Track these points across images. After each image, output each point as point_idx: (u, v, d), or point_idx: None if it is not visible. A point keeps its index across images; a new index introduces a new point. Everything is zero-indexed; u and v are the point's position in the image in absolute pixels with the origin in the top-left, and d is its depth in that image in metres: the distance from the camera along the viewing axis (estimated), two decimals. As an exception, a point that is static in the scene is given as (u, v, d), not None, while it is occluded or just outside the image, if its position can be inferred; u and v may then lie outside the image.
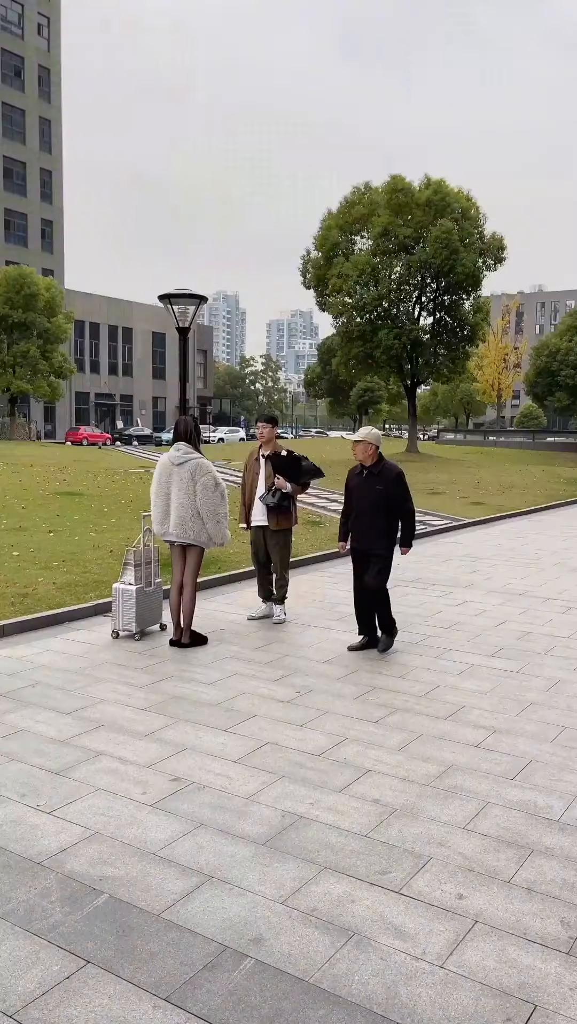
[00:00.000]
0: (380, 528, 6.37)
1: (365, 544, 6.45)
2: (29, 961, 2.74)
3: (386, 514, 6.37)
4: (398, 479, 6.39)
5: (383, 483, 6.38)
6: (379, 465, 6.46)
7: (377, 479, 6.41)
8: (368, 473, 6.47)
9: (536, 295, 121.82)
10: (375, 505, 6.37)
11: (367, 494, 6.42)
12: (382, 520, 6.37)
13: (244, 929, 2.93)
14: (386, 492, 6.35)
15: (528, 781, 4.17)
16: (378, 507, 6.37)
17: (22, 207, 62.55)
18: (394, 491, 6.36)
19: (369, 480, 6.45)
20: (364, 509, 6.43)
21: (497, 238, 35.51)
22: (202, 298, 10.20)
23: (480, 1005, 2.57)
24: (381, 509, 6.37)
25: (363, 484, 6.48)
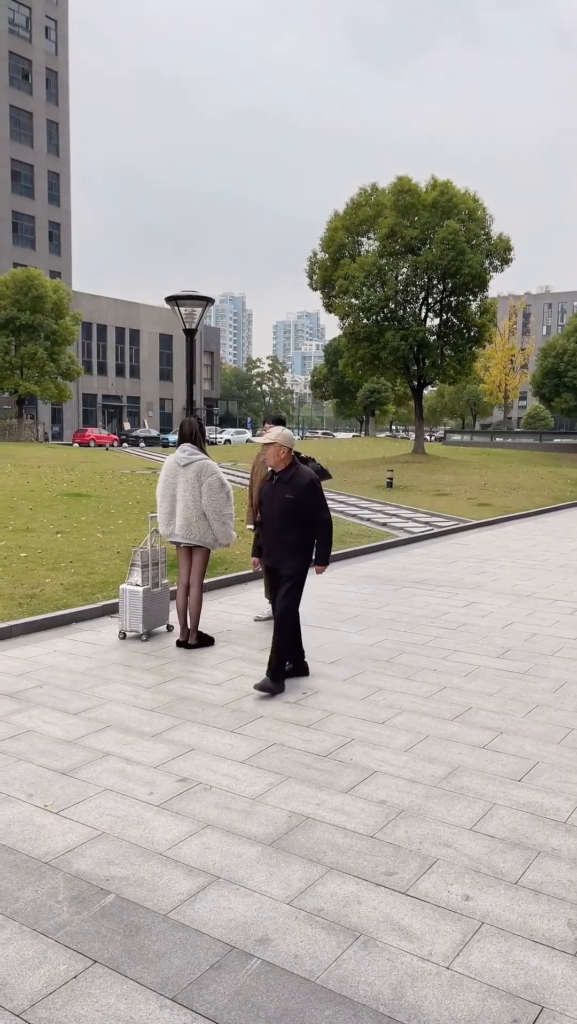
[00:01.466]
0: (291, 543, 5.60)
1: (274, 560, 5.70)
2: (36, 960, 2.75)
3: (298, 527, 5.61)
4: (311, 487, 5.62)
5: (294, 491, 5.60)
6: (290, 471, 5.68)
7: (287, 487, 5.63)
8: (278, 480, 5.71)
9: (543, 296, 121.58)
10: (285, 516, 5.61)
11: (277, 504, 5.66)
12: (293, 533, 5.60)
13: (250, 929, 2.93)
14: (297, 501, 5.59)
15: (535, 782, 4.17)
16: (288, 519, 5.60)
17: (30, 209, 62.75)
18: (306, 500, 5.59)
19: (279, 488, 5.68)
20: (273, 521, 5.68)
21: (504, 239, 35.44)
22: (209, 300, 10.22)
23: (487, 1006, 2.57)
24: (292, 521, 5.60)
25: (272, 492, 5.73)
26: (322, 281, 36.39)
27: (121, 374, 69.02)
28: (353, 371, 38.42)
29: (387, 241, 34.65)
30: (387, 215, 34.60)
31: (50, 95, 64.31)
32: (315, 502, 5.63)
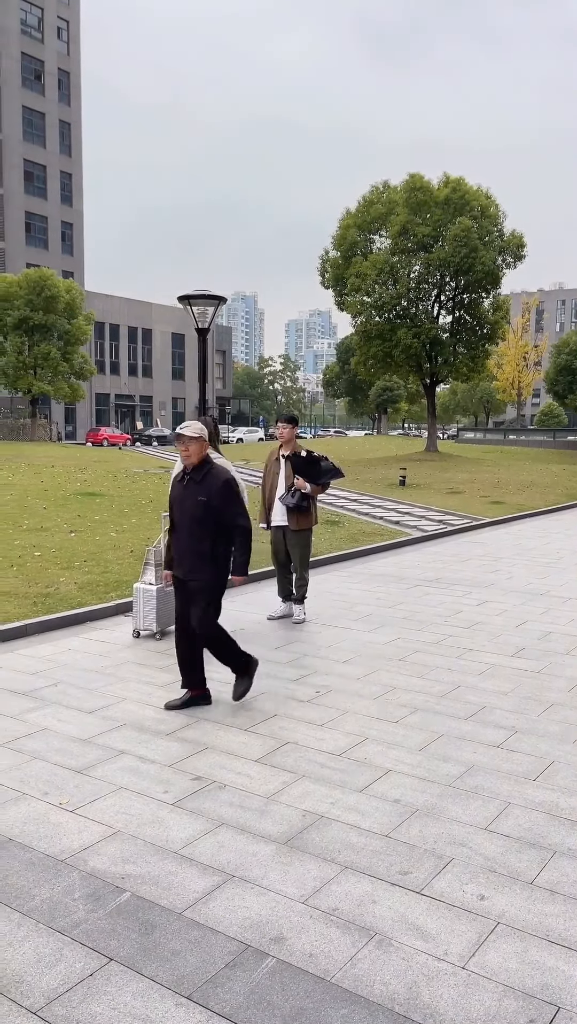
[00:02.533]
0: (204, 551, 4.98)
1: (186, 571, 5.05)
2: (53, 959, 2.76)
3: (213, 533, 5.00)
4: (226, 487, 5.00)
5: (207, 492, 4.98)
6: (203, 469, 5.06)
7: (200, 487, 5.02)
8: (189, 480, 5.10)
9: (556, 292, 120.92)
10: (197, 520, 4.98)
11: (188, 507, 5.03)
12: (207, 540, 4.99)
13: (265, 928, 2.93)
14: (210, 505, 4.97)
15: (550, 782, 4.15)
16: (201, 523, 4.98)
17: (43, 210, 62.99)
18: (220, 503, 4.97)
19: (191, 489, 5.06)
20: (184, 525, 5.05)
21: (516, 236, 35.27)
22: (221, 299, 10.22)
23: (503, 1006, 2.56)
24: (206, 526, 4.98)
25: (183, 494, 5.10)
26: (334, 279, 36.33)
27: (134, 373, 69.20)
28: (365, 369, 38.35)
29: (399, 238, 34.56)
30: (399, 212, 34.51)
31: (62, 95, 64.52)
32: (231, 505, 5.00)
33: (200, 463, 5.06)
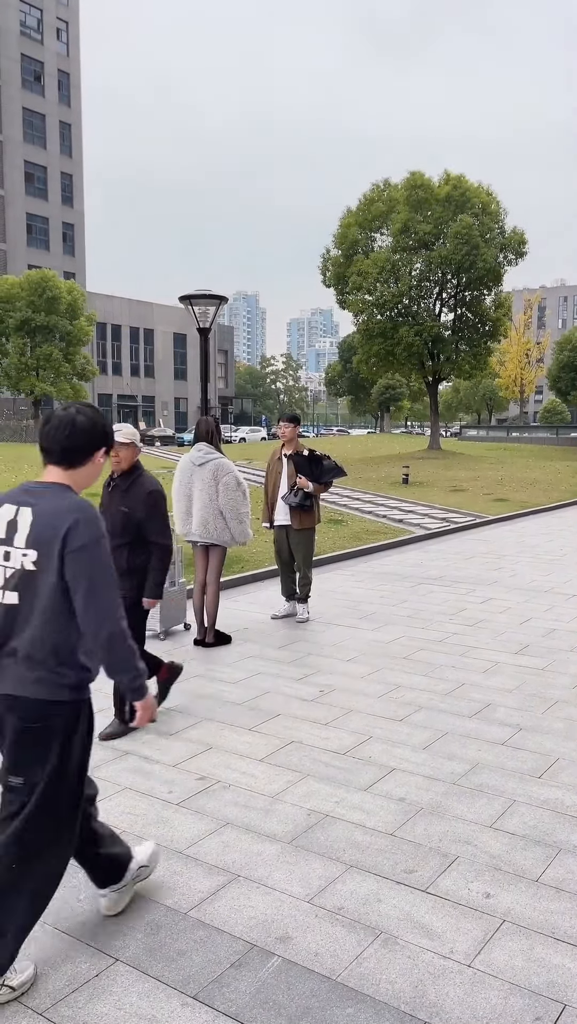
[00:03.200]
0: (122, 566, 4.63)
1: None
2: (59, 959, 2.76)
3: (133, 546, 4.65)
4: (150, 500, 4.62)
5: (130, 502, 4.64)
6: (130, 477, 4.71)
7: (125, 497, 4.66)
8: (115, 487, 4.74)
9: (558, 289, 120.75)
10: (118, 533, 4.63)
11: (110, 517, 4.67)
12: (126, 554, 4.65)
13: (271, 927, 2.93)
14: (131, 516, 4.62)
15: (555, 779, 4.14)
16: (122, 536, 4.63)
17: (44, 211, 63.03)
18: (143, 515, 4.60)
19: (116, 497, 4.71)
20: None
21: (518, 233, 35.23)
22: (222, 298, 10.22)
23: (509, 1004, 2.56)
24: (126, 539, 4.64)
25: (108, 502, 4.75)
26: (335, 278, 36.32)
27: (136, 374, 69.24)
28: (367, 368, 38.33)
29: (400, 237, 34.54)
30: (400, 210, 34.49)
31: (62, 96, 64.53)
32: (153, 520, 4.63)
33: (128, 470, 4.71)
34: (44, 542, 2.47)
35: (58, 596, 2.48)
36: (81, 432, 2.61)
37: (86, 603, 2.46)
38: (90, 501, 2.60)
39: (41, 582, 2.49)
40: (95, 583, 2.46)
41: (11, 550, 2.53)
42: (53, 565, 2.46)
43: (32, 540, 2.49)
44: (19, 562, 2.51)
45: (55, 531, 2.46)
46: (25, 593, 2.51)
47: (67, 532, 2.45)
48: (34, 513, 2.52)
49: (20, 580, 2.51)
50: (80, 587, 2.46)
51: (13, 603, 2.53)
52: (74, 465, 2.63)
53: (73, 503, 2.52)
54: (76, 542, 2.45)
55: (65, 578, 2.47)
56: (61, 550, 2.45)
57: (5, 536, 2.54)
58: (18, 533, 2.52)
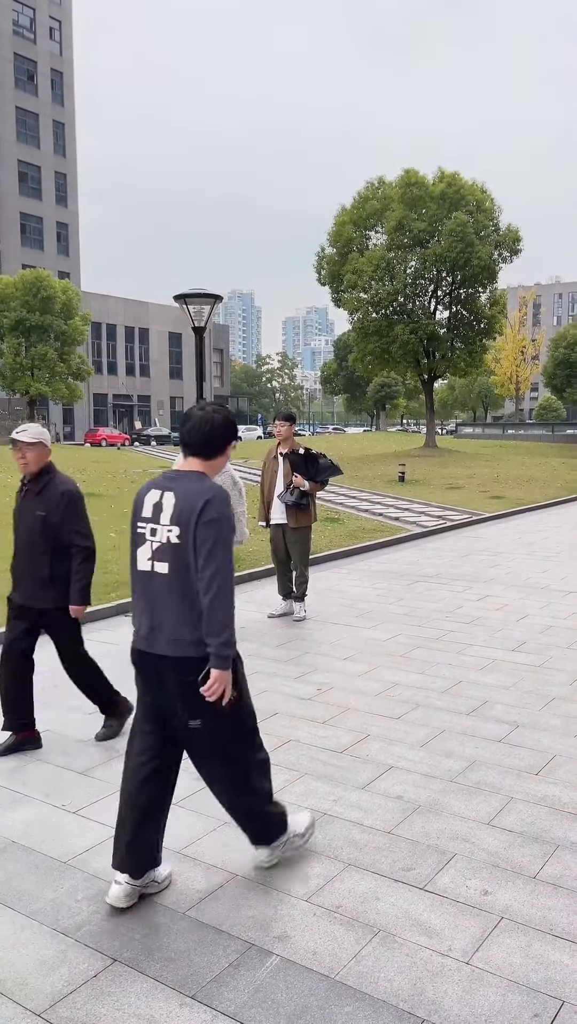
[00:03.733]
0: (43, 574, 4.38)
1: (26, 596, 4.44)
2: (57, 960, 2.76)
3: (55, 553, 4.39)
4: (64, 500, 4.37)
5: (45, 505, 4.37)
6: (42, 480, 4.43)
7: (38, 500, 4.40)
8: (27, 491, 4.48)
9: (553, 286, 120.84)
10: (35, 538, 4.38)
11: (25, 522, 4.43)
12: (46, 561, 4.38)
13: (269, 926, 2.93)
14: (49, 520, 4.36)
15: (552, 776, 4.15)
16: (39, 541, 4.37)
17: (38, 211, 62.90)
18: (59, 518, 4.36)
19: (29, 501, 4.44)
20: (22, 544, 4.44)
21: (512, 230, 35.24)
22: (217, 297, 10.21)
23: (507, 1001, 2.56)
24: (47, 546, 4.37)
25: (21, 508, 4.49)
26: (330, 276, 36.30)
27: (131, 373, 69.15)
28: (363, 366, 38.33)
29: (395, 234, 34.52)
30: (395, 208, 34.47)
31: (56, 96, 64.39)
32: (72, 521, 4.39)
33: (39, 472, 4.42)
34: (184, 518, 2.91)
35: (193, 559, 2.90)
36: (219, 428, 3.07)
37: (204, 564, 2.87)
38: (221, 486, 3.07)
39: (184, 553, 2.92)
40: (215, 549, 2.87)
41: (158, 527, 2.98)
42: (190, 536, 2.90)
43: (175, 517, 2.93)
44: (165, 537, 2.95)
45: (193, 508, 2.90)
46: (173, 563, 2.94)
47: (202, 508, 2.89)
48: (176, 495, 2.97)
49: (168, 552, 2.95)
50: (202, 551, 2.88)
51: (164, 572, 2.97)
52: (210, 456, 3.09)
53: (208, 486, 2.97)
54: (207, 516, 2.88)
55: (196, 546, 2.89)
56: (196, 522, 2.88)
57: (152, 516, 3.01)
58: (163, 512, 2.97)
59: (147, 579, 3.02)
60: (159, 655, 2.98)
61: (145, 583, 3.03)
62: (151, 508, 3.02)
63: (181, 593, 2.94)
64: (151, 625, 3.01)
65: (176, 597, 2.95)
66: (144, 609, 3.04)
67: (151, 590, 3.00)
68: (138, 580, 3.06)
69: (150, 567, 2.99)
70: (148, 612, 3.02)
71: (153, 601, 3.00)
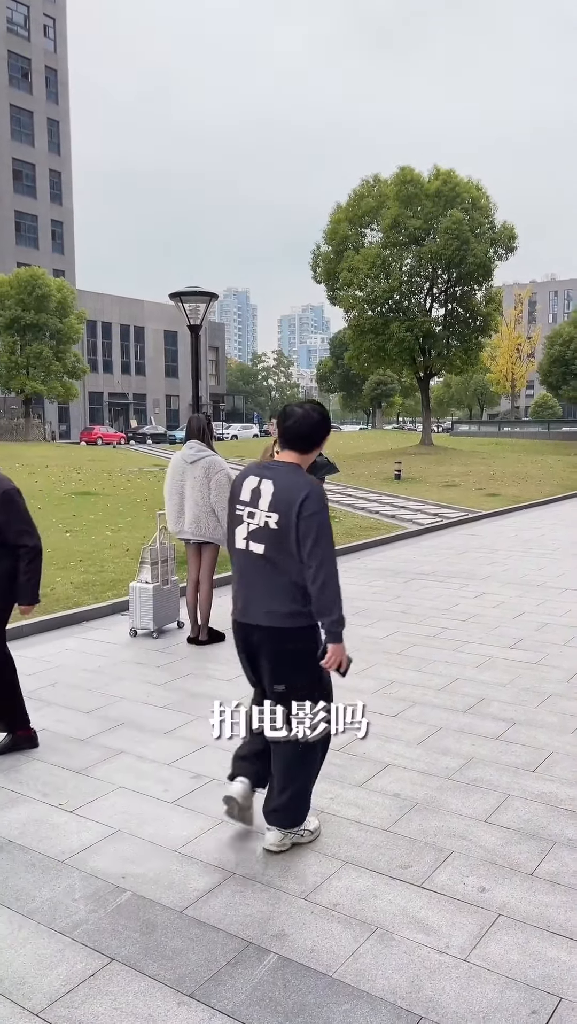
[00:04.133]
0: None
1: None
2: (54, 959, 2.76)
3: None
4: (6, 499, 4.26)
5: None
6: None
7: None
8: None
9: (549, 284, 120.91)
10: None
11: None
12: None
13: (267, 925, 2.93)
14: None
15: (549, 773, 4.16)
16: None
17: (32, 209, 62.71)
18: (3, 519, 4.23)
19: None
20: None
21: (508, 227, 35.25)
22: (213, 295, 10.20)
23: (505, 998, 2.57)
24: None
25: None
26: (326, 274, 36.28)
27: (127, 371, 69.02)
28: (359, 363, 38.35)
29: (390, 232, 34.51)
30: (390, 206, 34.45)
31: (50, 94, 64.17)
32: (14, 521, 4.27)
33: None
34: (284, 507, 3.21)
35: (295, 548, 3.21)
36: (317, 424, 3.35)
37: (310, 554, 3.18)
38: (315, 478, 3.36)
39: (282, 537, 3.22)
40: (319, 539, 3.18)
41: (256, 511, 3.28)
42: (292, 524, 3.19)
43: (274, 505, 3.23)
44: (263, 521, 3.26)
45: (292, 499, 3.19)
46: (269, 545, 3.25)
47: (302, 502, 3.18)
48: (274, 484, 3.27)
49: (265, 535, 3.26)
50: (307, 543, 3.18)
51: (259, 552, 3.28)
52: (307, 451, 3.37)
53: (305, 480, 3.28)
54: (308, 510, 3.18)
55: (299, 536, 3.18)
56: (297, 514, 3.18)
57: (250, 500, 3.31)
58: (262, 499, 3.26)
59: (243, 557, 3.35)
60: (253, 625, 3.33)
61: (241, 560, 3.37)
62: (249, 493, 3.31)
63: (275, 572, 3.26)
64: (246, 598, 3.37)
65: (270, 575, 3.27)
66: (240, 584, 3.41)
67: (246, 567, 3.34)
68: (236, 557, 3.40)
69: (245, 546, 3.32)
70: (243, 587, 3.39)
71: (248, 577, 3.35)
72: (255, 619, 3.32)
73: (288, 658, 3.28)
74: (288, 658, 3.28)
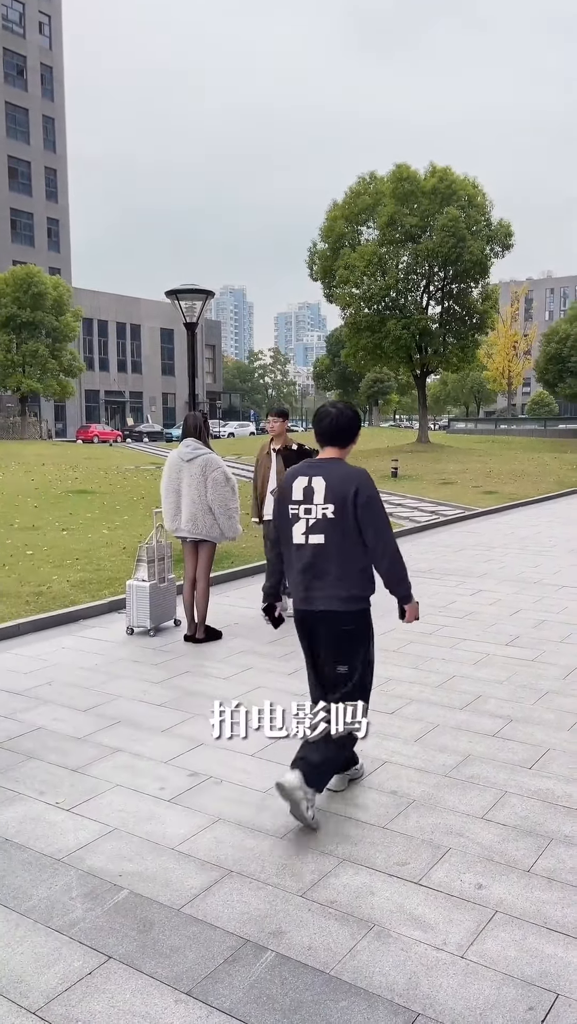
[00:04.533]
0: None
1: None
2: (51, 958, 2.75)
3: None
4: None
5: None
6: None
7: None
8: None
9: (545, 281, 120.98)
10: None
11: None
12: None
13: (264, 922, 2.93)
14: None
15: (546, 770, 4.16)
16: None
17: (28, 206, 62.58)
18: None
19: None
20: None
21: (504, 225, 35.26)
22: (209, 293, 10.18)
23: (502, 995, 2.57)
24: None
25: None
26: (322, 271, 36.28)
27: (123, 370, 68.95)
28: (355, 361, 38.37)
29: (387, 229, 34.50)
30: (386, 203, 34.44)
31: (45, 91, 64.03)
32: None
33: None
34: (339, 498, 3.53)
35: (354, 535, 3.54)
36: (351, 420, 3.76)
37: (375, 538, 3.56)
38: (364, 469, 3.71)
39: (340, 526, 3.53)
40: (380, 524, 3.56)
41: (311, 506, 3.59)
42: (349, 513, 3.51)
43: (330, 497, 3.55)
44: (320, 513, 3.56)
45: (347, 490, 3.53)
46: (329, 535, 3.55)
47: (356, 491, 3.52)
48: (326, 479, 3.59)
49: (324, 525, 3.55)
50: (369, 528, 3.53)
51: (320, 542, 3.56)
52: (345, 445, 3.76)
53: (354, 470, 3.64)
54: (363, 497, 3.52)
55: (358, 522, 3.51)
56: (354, 503, 3.51)
57: (303, 498, 3.61)
58: (316, 494, 3.57)
59: (303, 550, 3.62)
60: (317, 611, 3.62)
61: (301, 553, 3.63)
62: (301, 491, 3.61)
63: (336, 559, 3.55)
64: (307, 587, 3.63)
65: (332, 563, 3.56)
66: (301, 576, 3.65)
67: (307, 559, 3.61)
68: (294, 552, 3.66)
69: (304, 540, 3.61)
70: (305, 577, 3.63)
71: (309, 568, 3.61)
72: (318, 605, 3.60)
73: (347, 638, 3.62)
74: (347, 638, 3.62)
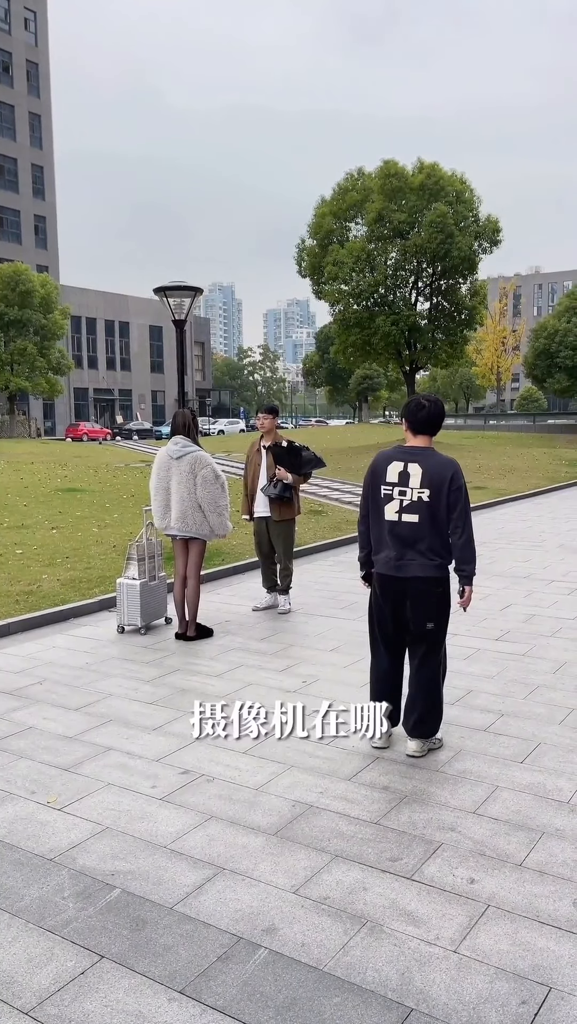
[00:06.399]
0: None
1: None
2: (44, 958, 2.75)
3: None
4: None
5: None
6: None
7: None
8: None
9: (533, 277, 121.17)
10: None
11: None
12: None
13: (257, 919, 2.93)
14: None
15: (537, 764, 4.17)
16: None
17: (14, 203, 62.21)
18: None
19: None
20: None
21: (492, 220, 35.24)
22: (197, 290, 10.16)
23: (495, 989, 2.58)
24: None
25: None
26: (311, 268, 36.19)
27: (112, 367, 68.71)
28: (345, 358, 38.30)
29: (375, 226, 34.44)
30: (374, 199, 34.38)
31: (31, 87, 63.63)
32: None
33: None
34: (436, 484, 4.08)
35: (443, 515, 4.10)
36: (442, 412, 4.26)
37: (460, 519, 4.11)
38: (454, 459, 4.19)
39: (433, 508, 4.09)
40: (465, 508, 4.13)
41: (407, 489, 4.13)
42: (442, 497, 4.07)
43: (426, 482, 4.09)
44: (416, 496, 4.11)
45: (444, 476, 4.08)
46: (423, 515, 4.10)
47: (451, 477, 4.07)
48: (422, 466, 4.12)
49: (418, 507, 4.10)
50: (456, 509, 4.09)
51: (414, 521, 4.13)
52: (433, 433, 4.26)
53: (448, 460, 4.17)
54: (456, 484, 4.08)
55: (449, 504, 4.07)
56: (448, 488, 4.07)
57: (398, 480, 4.15)
58: (412, 478, 4.10)
59: (395, 526, 4.16)
60: (407, 578, 4.15)
61: (393, 529, 4.17)
62: (396, 475, 4.14)
63: (428, 535, 4.10)
64: (399, 558, 4.16)
65: (425, 539, 4.11)
66: (393, 548, 4.18)
67: (400, 534, 4.15)
68: (386, 527, 4.20)
69: (397, 518, 4.15)
70: (397, 549, 4.16)
71: (402, 541, 4.15)
72: (410, 572, 4.12)
73: (435, 599, 4.17)
74: (435, 599, 4.17)
